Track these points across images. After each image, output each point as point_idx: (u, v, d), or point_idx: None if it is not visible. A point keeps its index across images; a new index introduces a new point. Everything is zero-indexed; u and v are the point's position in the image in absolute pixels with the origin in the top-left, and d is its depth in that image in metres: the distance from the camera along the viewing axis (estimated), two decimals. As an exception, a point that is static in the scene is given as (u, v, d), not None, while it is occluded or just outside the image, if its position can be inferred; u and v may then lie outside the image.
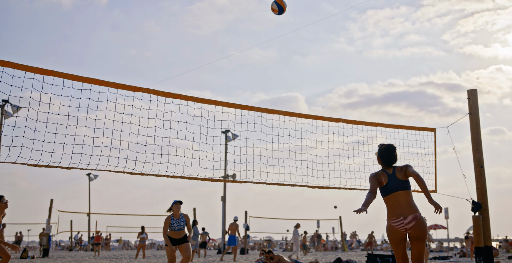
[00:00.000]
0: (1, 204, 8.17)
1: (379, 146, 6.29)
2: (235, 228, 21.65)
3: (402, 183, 5.91)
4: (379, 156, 6.21)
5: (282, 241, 54.81)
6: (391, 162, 6.13)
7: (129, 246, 55.46)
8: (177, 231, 9.28)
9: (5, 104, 25.06)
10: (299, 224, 23.71)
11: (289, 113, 10.54)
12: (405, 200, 5.84)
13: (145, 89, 8.90)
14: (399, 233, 5.81)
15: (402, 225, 5.77)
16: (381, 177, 6.00)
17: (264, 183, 10.29)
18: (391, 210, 5.88)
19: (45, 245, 26.98)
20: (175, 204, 9.40)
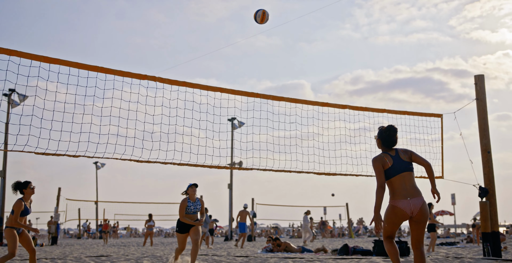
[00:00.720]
0: (28, 190, 8.18)
1: (379, 129, 6.09)
2: (245, 216, 21.82)
3: (407, 164, 5.74)
4: (379, 138, 6.00)
5: (289, 228, 55.02)
6: (392, 144, 5.92)
7: (136, 233, 55.82)
8: (192, 214, 9.09)
9: (11, 93, 25.12)
10: (310, 210, 23.89)
11: (295, 100, 10.53)
12: (410, 182, 5.66)
13: (151, 77, 8.91)
14: (404, 215, 5.57)
15: (409, 207, 5.54)
16: (385, 160, 5.75)
17: (270, 170, 10.31)
18: (397, 192, 5.63)
19: (54, 233, 27.19)
20: (191, 187, 9.12)
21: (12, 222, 8.00)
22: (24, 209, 8.03)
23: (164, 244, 25.26)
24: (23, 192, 8.18)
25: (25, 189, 8.17)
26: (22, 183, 8.28)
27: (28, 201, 8.27)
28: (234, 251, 16.78)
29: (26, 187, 8.20)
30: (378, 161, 5.76)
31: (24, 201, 8.12)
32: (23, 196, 8.16)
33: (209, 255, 13.33)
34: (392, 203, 5.63)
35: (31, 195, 8.24)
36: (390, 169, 5.69)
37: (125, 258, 12.11)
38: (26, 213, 8.13)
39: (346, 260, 10.65)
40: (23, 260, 12.04)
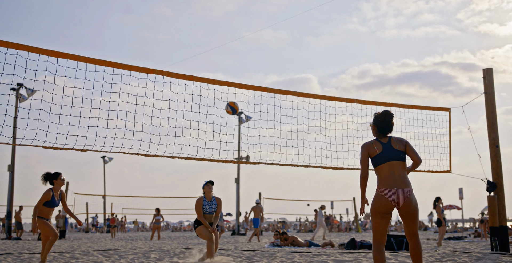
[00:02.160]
0: (58, 180, 8.23)
1: (374, 115, 5.80)
2: (258, 211, 22.07)
3: (398, 153, 5.48)
4: (374, 124, 5.71)
5: (296, 222, 55.06)
6: (387, 130, 5.65)
7: (144, 227, 56.04)
8: (207, 214, 8.83)
9: (20, 87, 25.20)
10: (324, 205, 24.01)
11: (302, 94, 10.51)
12: (400, 172, 5.39)
13: (158, 71, 8.91)
14: (388, 204, 5.29)
15: (394, 197, 5.27)
16: (373, 146, 5.51)
17: (278, 164, 10.31)
18: (383, 181, 5.37)
19: (62, 227, 27.33)
20: (206, 185, 8.75)
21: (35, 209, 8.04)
22: (51, 199, 8.06)
23: (172, 238, 25.34)
24: (53, 183, 8.24)
25: (55, 180, 8.25)
26: (52, 174, 8.34)
27: (58, 193, 8.28)
28: (242, 245, 16.82)
29: (56, 178, 8.28)
30: (364, 148, 5.57)
31: (53, 191, 8.15)
32: (53, 187, 8.23)
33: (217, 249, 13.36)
34: (377, 191, 5.40)
35: (61, 186, 8.33)
36: (378, 156, 5.46)
37: (132, 252, 12.16)
38: (53, 204, 8.14)
39: (353, 254, 10.65)
40: (32, 253, 12.12)
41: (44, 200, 8.06)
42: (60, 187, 8.37)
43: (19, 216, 27.70)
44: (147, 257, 10.50)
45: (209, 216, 8.88)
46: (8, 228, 26.37)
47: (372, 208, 5.38)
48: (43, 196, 8.09)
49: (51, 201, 8.12)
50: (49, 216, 8.31)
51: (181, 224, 61.54)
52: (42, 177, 8.40)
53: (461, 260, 8.79)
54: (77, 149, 8.33)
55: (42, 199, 8.06)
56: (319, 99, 10.73)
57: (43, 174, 8.40)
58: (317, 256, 10.45)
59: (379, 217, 5.39)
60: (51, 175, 8.35)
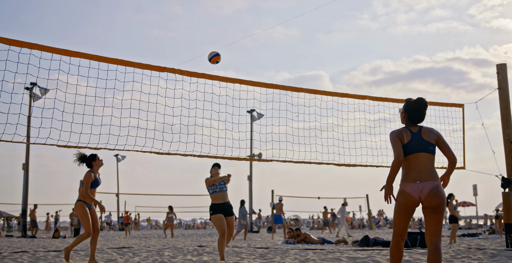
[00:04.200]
0: (97, 161, 8.14)
1: (406, 101, 5.34)
2: (280, 208, 22.35)
3: (427, 144, 5.07)
4: (405, 111, 5.27)
5: (309, 219, 55.03)
6: (418, 119, 5.24)
7: (157, 225, 56.28)
8: (219, 192, 8.77)
9: (33, 86, 25.40)
10: (346, 202, 24.11)
11: (314, 91, 10.49)
12: (426, 164, 4.99)
13: (170, 69, 8.93)
14: (411, 200, 4.95)
15: (417, 191, 4.91)
16: (402, 134, 5.11)
17: (290, 161, 10.30)
18: (407, 174, 5.01)
19: (76, 225, 27.52)
20: (213, 168, 8.84)
21: (82, 195, 7.93)
22: (94, 179, 7.99)
23: (185, 236, 25.43)
24: (92, 165, 8.16)
25: (94, 161, 8.17)
26: (89, 156, 8.23)
27: (97, 174, 8.21)
28: (255, 242, 16.84)
29: (95, 159, 8.19)
30: (394, 133, 5.16)
31: (94, 173, 8.10)
32: (92, 168, 8.15)
33: (230, 247, 13.38)
34: (400, 186, 5.06)
35: (100, 167, 8.24)
36: (405, 146, 5.07)
37: (146, 250, 12.22)
38: (96, 184, 8.06)
39: (367, 251, 10.62)
40: (47, 251, 12.21)
41: (89, 183, 7.89)
42: (99, 168, 8.23)
43: (33, 215, 27.98)
44: (161, 255, 10.54)
45: (222, 195, 8.72)
46: (23, 226, 26.62)
47: (396, 204, 5.09)
48: (86, 179, 7.90)
49: (94, 182, 7.99)
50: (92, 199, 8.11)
51: (194, 222, 61.71)
52: (79, 160, 8.20)
53: (476, 257, 8.73)
54: (90, 148, 8.38)
55: (87, 183, 7.86)
56: (331, 96, 10.70)
57: (78, 157, 8.19)
58: (331, 253, 10.43)
59: (401, 213, 5.07)
60: (88, 157, 8.19)
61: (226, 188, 8.76)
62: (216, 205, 8.67)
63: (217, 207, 8.66)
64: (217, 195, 8.71)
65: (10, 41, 7.45)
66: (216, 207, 8.67)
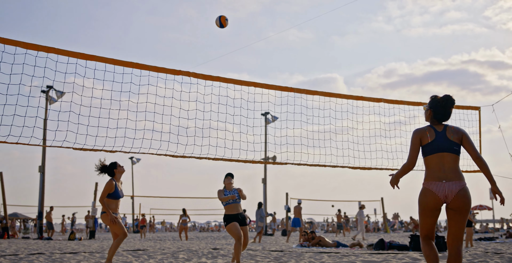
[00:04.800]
0: (119, 168, 7.99)
1: (431, 98, 5.13)
2: (298, 211, 22.42)
3: (452, 144, 4.85)
4: (431, 108, 5.06)
5: (323, 222, 54.84)
6: (444, 117, 5.04)
7: (172, 228, 56.42)
8: (232, 204, 8.74)
9: (49, 89, 25.62)
10: (364, 205, 24.05)
11: (329, 94, 10.46)
12: (451, 164, 4.79)
13: (185, 72, 8.96)
14: (436, 200, 4.72)
15: (443, 191, 4.69)
16: (425, 133, 4.92)
17: (305, 164, 10.28)
18: (432, 173, 4.81)
19: (92, 227, 27.68)
20: (226, 178, 8.80)
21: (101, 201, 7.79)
22: (115, 190, 7.84)
23: (199, 239, 25.46)
24: (114, 173, 8.00)
25: (115, 169, 8.00)
26: (110, 165, 8.05)
27: (119, 182, 8.07)
28: (269, 245, 16.82)
29: (116, 167, 8.02)
30: (417, 133, 4.98)
31: (115, 181, 7.95)
32: (114, 176, 7.99)
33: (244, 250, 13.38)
34: (424, 185, 4.84)
35: (122, 173, 8.07)
36: (428, 145, 4.88)
37: (161, 252, 12.25)
38: (118, 196, 7.90)
39: (382, 255, 10.55)
40: (63, 253, 12.29)
41: (107, 191, 7.78)
42: (121, 175, 8.08)
43: (50, 217, 28.18)
44: (175, 257, 10.56)
45: (235, 205, 8.73)
46: (39, 228, 26.83)
47: (419, 204, 4.85)
48: (106, 186, 7.80)
49: (115, 193, 7.87)
50: (117, 209, 7.98)
51: (208, 225, 61.78)
52: (99, 170, 8.06)
53: (493, 261, 8.64)
54: (106, 151, 8.43)
55: (105, 190, 7.77)
56: (346, 99, 10.66)
57: (98, 167, 8.05)
58: (346, 256, 10.38)
59: (426, 214, 4.84)
60: (109, 166, 8.05)
61: (239, 200, 8.76)
62: (230, 216, 8.72)
63: (231, 217, 8.71)
64: (230, 206, 8.75)
65: (27, 44, 7.53)
66: (230, 217, 8.72)
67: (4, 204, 28.02)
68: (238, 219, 8.70)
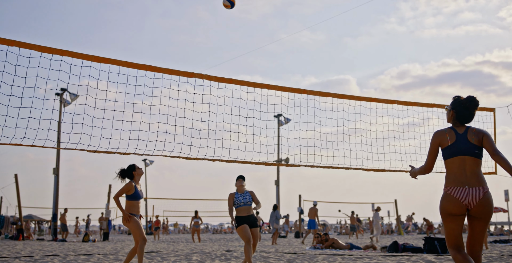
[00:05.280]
0: (138, 171, 8.00)
1: (454, 98, 4.94)
2: (314, 213, 22.41)
3: (473, 147, 4.65)
4: (453, 109, 4.86)
5: (336, 224, 54.67)
6: (467, 119, 4.84)
7: (185, 230, 56.53)
8: (243, 206, 8.80)
9: (63, 92, 25.80)
10: (380, 207, 24.05)
11: (342, 96, 10.43)
12: (473, 169, 4.60)
13: (198, 75, 8.99)
14: (460, 206, 4.52)
15: (466, 196, 4.50)
16: (445, 136, 4.74)
17: (318, 166, 10.25)
18: (453, 177, 4.61)
19: (105, 229, 27.83)
20: (237, 180, 8.85)
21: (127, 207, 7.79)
22: (135, 192, 7.84)
23: (212, 241, 25.48)
24: (133, 175, 8.00)
25: (134, 171, 8.01)
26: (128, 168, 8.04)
27: (139, 184, 8.09)
28: (282, 247, 16.79)
29: (135, 169, 8.02)
30: (436, 136, 4.83)
31: (135, 183, 7.96)
32: (134, 178, 8.00)
33: (257, 252, 13.37)
34: (446, 191, 4.63)
35: (141, 175, 8.09)
36: (448, 148, 4.70)
37: (174, 254, 12.28)
38: (138, 197, 7.90)
39: (396, 257, 10.50)
40: (77, 255, 12.36)
41: (123, 192, 7.78)
42: (140, 177, 8.10)
43: (64, 218, 28.35)
44: (189, 259, 10.59)
45: (246, 208, 8.78)
46: (54, 230, 27.01)
47: (442, 210, 4.64)
48: (124, 187, 7.80)
49: (135, 194, 7.86)
50: (138, 211, 7.97)
51: (221, 226, 61.82)
52: (119, 176, 8.06)
53: (508, 264, 8.56)
54: (120, 153, 8.47)
55: (122, 190, 7.77)
56: (359, 100, 10.63)
57: (119, 172, 8.06)
58: (359, 259, 10.34)
59: (450, 220, 4.62)
60: (127, 169, 8.05)
61: (250, 202, 8.80)
62: (241, 218, 8.78)
63: (242, 219, 8.77)
64: (240, 209, 8.81)
65: (42, 48, 7.59)
66: (241, 219, 8.78)
67: (19, 206, 28.25)
68: (248, 221, 8.73)
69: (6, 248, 16.67)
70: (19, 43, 7.37)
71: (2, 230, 33.40)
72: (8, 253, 13.32)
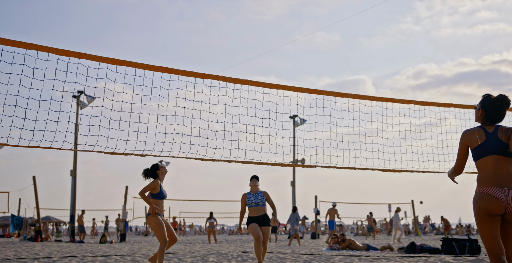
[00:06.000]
0: (162, 170, 8.07)
1: (484, 97, 4.67)
2: (333, 213, 22.38)
3: (505, 146, 4.37)
4: (483, 108, 4.59)
5: (353, 225, 54.46)
6: (497, 119, 4.56)
7: (201, 231, 56.65)
8: (254, 206, 8.86)
9: (80, 94, 26.00)
10: (400, 208, 24.01)
11: (358, 96, 10.39)
12: (507, 169, 4.33)
13: (214, 76, 9.00)
14: (500, 206, 4.21)
15: (505, 198, 4.20)
16: (474, 135, 4.49)
17: (334, 167, 10.22)
18: (489, 177, 4.33)
19: (122, 230, 27.98)
20: (251, 181, 9.01)
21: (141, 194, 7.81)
22: (160, 191, 7.89)
23: (229, 242, 25.51)
24: (157, 174, 8.07)
25: (158, 170, 8.07)
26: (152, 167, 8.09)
27: (163, 183, 8.14)
28: (299, 248, 16.76)
29: (158, 168, 8.08)
30: (464, 136, 4.57)
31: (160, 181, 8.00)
32: (158, 177, 8.06)
33: (274, 253, 13.36)
34: (482, 190, 4.34)
35: (165, 174, 8.15)
36: (479, 148, 4.44)
37: (191, 255, 12.31)
38: (163, 196, 7.96)
39: (414, 259, 10.43)
40: (94, 256, 12.44)
41: (149, 188, 7.80)
42: (164, 176, 8.17)
43: (81, 220, 28.58)
44: (205, 261, 10.61)
45: (257, 208, 8.96)
46: (71, 231, 27.22)
47: (480, 210, 4.30)
48: (150, 184, 7.82)
49: (160, 193, 7.92)
50: (162, 210, 8.05)
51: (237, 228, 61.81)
52: (144, 175, 8.13)
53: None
54: (136, 154, 8.51)
55: (148, 186, 7.78)
56: (376, 101, 10.57)
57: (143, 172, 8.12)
58: (376, 260, 10.30)
59: (487, 221, 4.27)
60: (151, 168, 8.10)
61: (262, 203, 8.90)
62: (251, 218, 9.03)
63: (252, 219, 9.02)
64: (251, 209, 9.02)
65: (59, 51, 7.66)
66: (251, 219, 9.03)
67: (37, 207, 28.54)
68: (258, 220, 8.94)
69: (25, 249, 16.84)
70: (37, 46, 7.44)
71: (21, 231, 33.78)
72: (27, 254, 13.46)
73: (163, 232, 7.79)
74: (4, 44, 7.23)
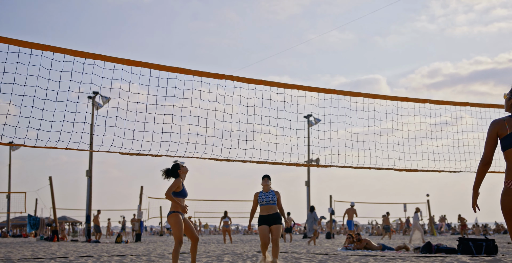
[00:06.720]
0: (183, 169, 7.97)
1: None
2: (352, 213, 22.34)
3: None
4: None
5: (368, 225, 54.25)
6: None
7: (216, 231, 56.74)
8: (265, 205, 8.84)
9: (95, 95, 26.17)
10: (419, 208, 23.92)
11: (373, 96, 10.35)
12: None
13: (229, 76, 9.01)
14: None
15: None
16: (504, 125, 4.32)
17: (349, 167, 10.19)
18: None
19: (138, 230, 28.11)
20: (263, 180, 8.98)
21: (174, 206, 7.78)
22: (182, 189, 7.88)
23: (244, 241, 25.52)
24: (178, 173, 7.97)
25: (179, 170, 7.97)
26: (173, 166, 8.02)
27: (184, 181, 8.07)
28: (314, 248, 16.73)
29: (179, 167, 7.99)
30: (493, 125, 4.39)
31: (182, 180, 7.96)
32: (179, 176, 7.97)
33: (289, 253, 13.35)
34: (507, 184, 4.19)
35: (186, 173, 8.06)
36: (508, 138, 4.28)
37: (206, 255, 12.34)
38: (185, 194, 7.93)
39: (430, 258, 10.37)
40: (110, 256, 12.52)
41: (174, 187, 7.75)
42: (185, 175, 8.07)
43: (97, 220, 28.78)
44: (220, 260, 10.63)
45: (268, 207, 8.91)
46: (87, 231, 27.42)
47: (506, 206, 4.17)
48: (174, 183, 7.76)
49: (183, 192, 7.90)
50: None
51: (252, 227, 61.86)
52: (165, 174, 8.05)
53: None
54: (152, 155, 8.55)
55: (172, 186, 7.74)
56: (390, 100, 10.52)
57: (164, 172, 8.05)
58: (392, 260, 10.25)
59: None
60: (172, 168, 8.02)
61: (273, 202, 8.87)
62: (262, 217, 8.97)
63: (262, 219, 8.96)
64: (263, 208, 8.99)
65: (75, 52, 7.72)
66: (262, 218, 8.96)
67: (53, 207, 28.77)
68: (268, 220, 8.87)
69: (41, 249, 17.00)
70: (53, 47, 7.50)
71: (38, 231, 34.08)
72: (44, 254, 13.58)
73: (180, 232, 7.77)
74: (21, 46, 7.30)
